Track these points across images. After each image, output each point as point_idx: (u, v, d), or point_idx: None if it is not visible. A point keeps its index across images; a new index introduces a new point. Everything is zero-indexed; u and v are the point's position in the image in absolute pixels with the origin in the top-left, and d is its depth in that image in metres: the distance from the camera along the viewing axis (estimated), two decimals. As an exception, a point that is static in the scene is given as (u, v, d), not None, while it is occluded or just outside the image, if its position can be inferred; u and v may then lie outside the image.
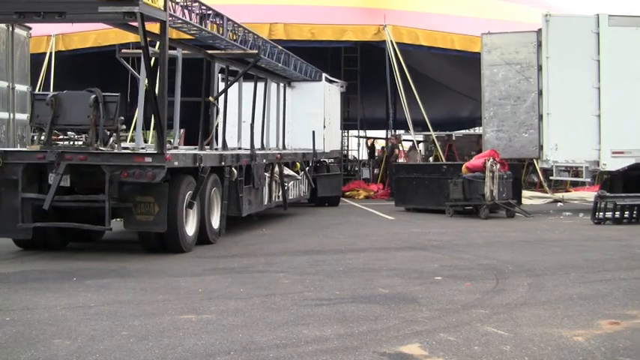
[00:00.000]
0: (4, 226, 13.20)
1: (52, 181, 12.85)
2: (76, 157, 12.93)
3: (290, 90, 23.37)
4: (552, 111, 21.42)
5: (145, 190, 12.97)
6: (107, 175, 12.70)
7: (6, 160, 13.05)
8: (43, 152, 13.10)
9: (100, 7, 12.11)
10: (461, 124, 45.85)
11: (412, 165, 26.40)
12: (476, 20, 29.00)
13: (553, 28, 21.49)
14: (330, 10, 29.62)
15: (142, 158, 12.91)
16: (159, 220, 13.05)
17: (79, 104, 13.53)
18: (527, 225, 18.92)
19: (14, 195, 12.97)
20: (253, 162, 17.19)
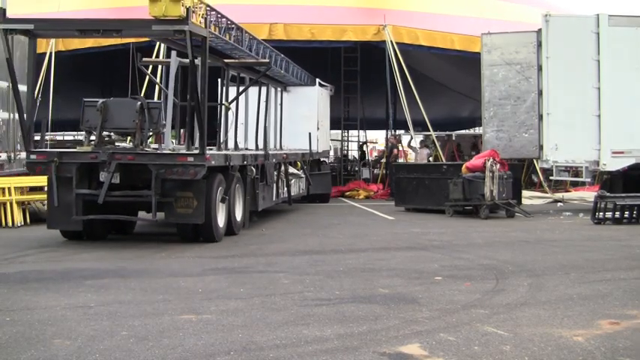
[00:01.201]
0: (59, 219, 14.77)
1: (105, 179, 14.24)
2: (125, 157, 14.35)
3: (286, 94, 24.45)
4: (552, 111, 21.42)
5: (185, 186, 14.48)
6: (153, 172, 14.15)
7: (61, 160, 14.46)
8: (95, 153, 14.47)
9: (153, 25, 13.94)
10: (461, 124, 45.88)
11: (412, 165, 26.41)
12: (476, 20, 29.00)
13: (553, 28, 21.48)
14: (330, 10, 29.61)
15: (184, 158, 14.41)
16: (197, 212, 14.56)
17: (125, 110, 14.92)
18: (527, 225, 18.92)
19: (69, 191, 14.35)
20: (266, 161, 18.80)
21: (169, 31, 14.03)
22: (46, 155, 14.76)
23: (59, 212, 14.61)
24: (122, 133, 15.47)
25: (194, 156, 14.42)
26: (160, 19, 13.65)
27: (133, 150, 14.69)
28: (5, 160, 19.92)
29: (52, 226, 15.26)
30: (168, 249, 14.32)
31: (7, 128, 20.18)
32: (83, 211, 14.57)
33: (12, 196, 18.01)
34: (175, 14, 13.48)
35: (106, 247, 14.82)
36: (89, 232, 15.25)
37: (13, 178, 18.94)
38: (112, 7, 29.66)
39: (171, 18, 13.57)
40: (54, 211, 14.81)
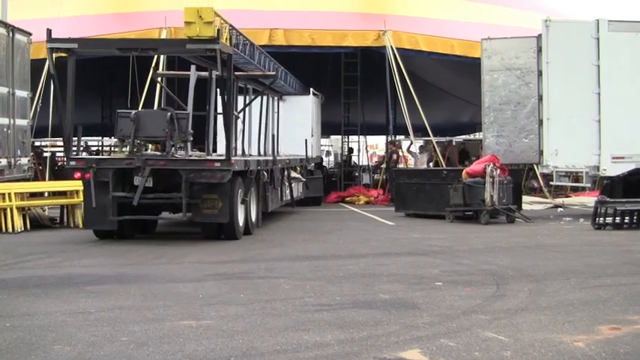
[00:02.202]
0: (97, 219, 16.00)
1: (139, 182, 15.52)
2: (157, 163, 15.72)
3: (282, 103, 25.19)
4: (552, 116, 21.42)
5: (211, 189, 15.79)
6: (184, 177, 15.54)
7: (99, 165, 15.82)
8: (130, 159, 15.80)
9: (187, 45, 15.66)
10: (461, 130, 45.84)
11: (412, 170, 26.38)
12: (476, 25, 29.03)
13: (553, 33, 21.49)
14: (330, 16, 29.63)
15: (212, 163, 15.81)
16: (222, 213, 15.92)
17: (156, 120, 16.29)
18: (527, 230, 18.91)
19: (105, 194, 15.66)
20: (274, 166, 20.36)
21: (202, 49, 15.61)
22: (84, 162, 16.16)
23: (96, 213, 15.81)
24: (153, 141, 17.08)
25: (221, 161, 15.77)
26: (193, 39, 15.21)
27: (165, 156, 16.00)
28: (5, 165, 19.93)
29: (88, 226, 16.57)
30: (169, 254, 14.33)
31: (7, 134, 20.19)
32: (118, 212, 15.88)
33: (12, 201, 18.01)
34: (208, 35, 15.02)
35: (107, 252, 14.83)
36: (120, 231, 16.45)
37: (14, 184, 18.94)
38: (112, 12, 29.76)
39: (203, 38, 15.09)
40: (91, 213, 15.99)
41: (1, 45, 19.98)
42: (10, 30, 20.47)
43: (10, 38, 20.41)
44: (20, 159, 20.88)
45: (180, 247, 15.44)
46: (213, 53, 15.44)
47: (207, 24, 14.96)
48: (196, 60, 18.03)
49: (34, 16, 28.01)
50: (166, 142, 16.24)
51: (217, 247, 15.54)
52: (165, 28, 26.40)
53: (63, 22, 27.60)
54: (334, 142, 53.69)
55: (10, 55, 20.37)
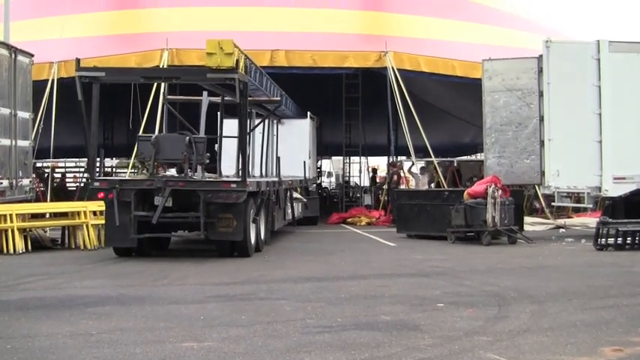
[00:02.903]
0: (118, 237, 16.75)
1: (159, 202, 16.39)
2: (177, 184, 16.60)
3: (280, 126, 25.91)
4: (554, 137, 21.42)
5: (226, 208, 16.57)
6: (202, 197, 16.35)
7: (121, 186, 16.62)
8: (151, 180, 16.77)
9: (208, 74, 16.58)
10: (463, 150, 45.89)
11: (414, 191, 26.38)
12: (477, 46, 29.07)
13: (554, 54, 21.52)
14: (332, 37, 29.70)
15: (228, 185, 16.72)
16: (237, 231, 16.73)
17: (175, 144, 17.19)
18: (529, 251, 18.88)
19: (127, 213, 16.40)
20: (280, 187, 21.18)
21: (221, 78, 16.66)
22: (107, 183, 17.02)
23: (118, 231, 16.56)
24: (171, 163, 17.93)
25: (236, 183, 16.72)
26: (213, 69, 16.22)
27: (184, 178, 16.96)
28: (7, 186, 19.94)
29: (110, 244, 17.37)
30: (170, 276, 14.31)
31: (9, 155, 20.21)
32: (138, 230, 16.61)
33: (14, 222, 17.98)
34: (228, 65, 16.09)
35: (108, 274, 14.82)
36: (138, 249, 17.20)
37: (15, 205, 18.93)
38: (114, 34, 29.85)
39: (224, 68, 16.11)
40: (113, 231, 16.74)
41: (3, 66, 20.02)
42: (12, 51, 20.52)
43: (12, 60, 20.46)
44: (22, 180, 20.88)
45: (182, 268, 15.41)
46: (232, 82, 16.55)
47: (227, 55, 16.09)
48: (211, 87, 18.80)
49: (36, 37, 28.11)
50: (184, 165, 17.18)
51: (219, 268, 15.53)
52: (166, 49, 26.48)
53: (65, 43, 27.77)
54: (335, 164, 53.78)
55: (12, 77, 20.41)
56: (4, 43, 20.98)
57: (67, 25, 28.36)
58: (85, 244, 18.91)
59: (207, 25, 29.57)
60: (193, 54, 27.09)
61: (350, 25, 30.90)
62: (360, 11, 31.70)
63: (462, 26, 32.06)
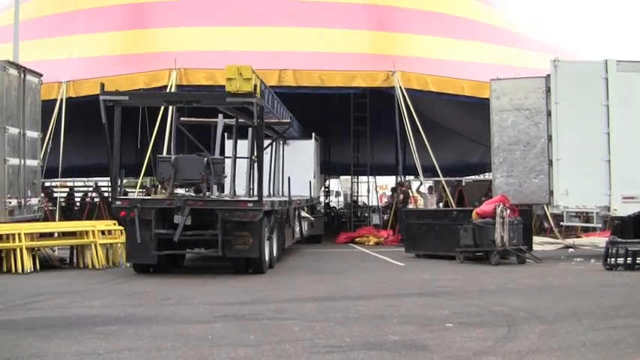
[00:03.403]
0: (140, 254, 17.28)
1: (179, 221, 16.94)
2: (196, 203, 17.17)
3: (286, 146, 26.51)
4: (562, 156, 21.38)
5: (243, 226, 17.15)
6: (220, 216, 16.91)
7: (143, 205, 17.21)
8: (171, 199, 17.37)
9: (227, 98, 17.25)
10: (470, 170, 45.83)
11: (422, 211, 26.34)
12: (485, 66, 29.10)
13: (562, 73, 21.51)
14: (340, 57, 29.75)
15: (245, 204, 17.34)
16: (253, 249, 17.33)
17: (194, 164, 17.86)
18: (538, 271, 18.82)
19: (148, 231, 16.93)
20: (290, 206, 21.78)
21: (240, 102, 17.42)
22: (129, 202, 17.70)
23: (139, 249, 17.09)
24: (190, 184, 18.42)
25: (253, 202, 17.35)
26: (232, 93, 16.86)
27: (203, 197, 17.56)
28: (16, 206, 19.97)
29: (131, 260, 17.94)
30: (178, 295, 14.29)
31: (18, 174, 20.25)
32: (158, 247, 17.16)
33: (22, 242, 18.00)
34: (247, 90, 16.76)
35: (116, 293, 14.82)
36: (157, 265, 17.78)
37: (24, 225, 18.95)
38: (123, 53, 29.94)
39: (243, 92, 16.78)
40: (134, 248, 17.23)
41: (13, 86, 20.10)
42: (21, 71, 20.60)
43: (22, 79, 20.54)
44: (30, 199, 20.91)
45: (190, 288, 15.40)
46: (250, 105, 17.43)
47: (246, 80, 16.77)
48: (227, 110, 19.62)
49: (46, 57, 28.21)
50: (202, 185, 17.89)
51: (227, 288, 15.52)
52: (175, 69, 26.55)
53: (74, 63, 27.88)
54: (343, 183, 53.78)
55: (22, 96, 20.49)
56: (14, 63, 21.05)
57: (75, 45, 28.48)
58: (94, 263, 18.90)
59: (215, 45, 29.69)
60: (201, 74, 27.20)
61: (358, 44, 30.95)
62: (368, 31, 31.74)
63: (469, 46, 32.09)
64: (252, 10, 31.59)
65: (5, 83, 19.64)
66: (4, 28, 30.17)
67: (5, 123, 19.55)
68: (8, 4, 31.71)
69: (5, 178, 19.51)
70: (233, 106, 18.62)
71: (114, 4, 32.20)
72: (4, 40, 27.95)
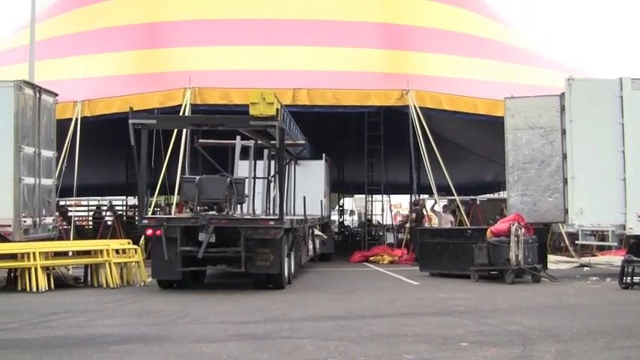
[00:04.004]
0: (166, 270, 18.00)
1: (204, 238, 17.60)
2: (220, 222, 17.86)
3: (297, 166, 26.70)
4: (577, 175, 21.32)
5: (264, 243, 17.86)
6: (242, 233, 17.59)
7: (169, 224, 17.93)
8: (195, 218, 18.14)
9: (251, 121, 17.93)
10: (485, 188, 45.77)
11: (436, 229, 26.28)
12: (499, 84, 29.07)
13: (576, 91, 21.48)
14: (354, 75, 29.77)
15: (267, 222, 18.17)
16: (273, 265, 18.04)
17: (217, 185, 18.64)
18: (553, 290, 18.74)
19: (173, 248, 17.67)
20: (305, 225, 22.38)
21: (263, 125, 18.11)
22: (155, 220, 18.52)
23: (165, 265, 17.82)
24: (214, 203, 18.87)
25: (274, 220, 18.13)
26: (256, 117, 17.55)
27: (226, 216, 18.27)
28: (30, 225, 20.03)
29: (156, 276, 18.52)
30: (192, 314, 14.28)
31: (33, 193, 20.32)
32: (183, 264, 17.87)
33: (37, 261, 18.03)
34: (270, 114, 17.51)
35: (130, 312, 14.82)
36: (181, 281, 18.52)
37: (38, 243, 19.00)
38: (137, 73, 30.06)
39: (266, 116, 17.51)
40: (160, 264, 17.97)
41: (28, 105, 20.20)
42: (36, 91, 20.72)
43: (37, 99, 20.65)
44: (45, 218, 20.98)
45: (204, 307, 15.39)
46: (273, 129, 18.21)
47: (269, 104, 17.51)
48: (247, 132, 20.38)
49: (60, 76, 28.37)
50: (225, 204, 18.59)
51: (241, 306, 15.49)
52: (189, 88, 26.62)
53: (89, 82, 28.02)
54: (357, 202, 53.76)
55: (37, 116, 20.59)
56: (29, 83, 21.18)
57: (90, 65, 28.61)
58: (108, 282, 18.90)
59: (229, 64, 29.77)
60: (215, 93, 27.26)
61: (372, 63, 30.98)
62: (382, 50, 31.78)
63: (483, 64, 32.09)
64: (266, 30, 31.68)
65: (21, 103, 19.75)
66: (20, 48, 30.40)
67: (21, 142, 19.64)
68: (24, 24, 31.88)
69: (20, 197, 19.58)
70: (254, 129, 19.24)
71: (128, 24, 32.35)
72: (20, 59, 28.14)
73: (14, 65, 29.16)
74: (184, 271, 18.15)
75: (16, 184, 19.48)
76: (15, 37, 34.89)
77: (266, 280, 18.53)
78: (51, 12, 34.84)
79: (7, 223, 19.31)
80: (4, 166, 19.43)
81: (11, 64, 29.96)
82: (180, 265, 17.83)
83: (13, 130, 19.50)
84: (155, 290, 18.41)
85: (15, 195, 19.42)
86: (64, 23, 33.70)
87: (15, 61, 29.99)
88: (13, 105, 19.51)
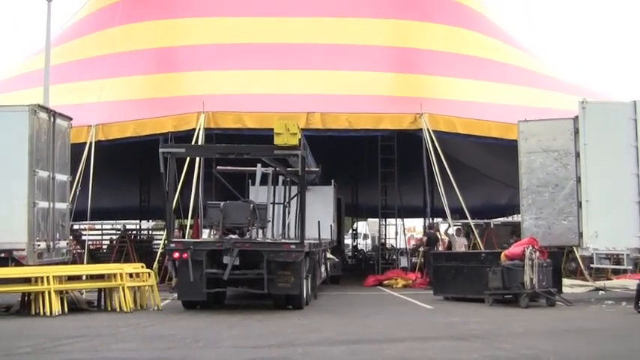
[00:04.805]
0: (192, 292, 18.78)
1: (229, 261, 18.41)
2: (243, 245, 18.72)
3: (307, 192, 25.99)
4: (591, 198, 21.27)
5: (285, 266, 18.64)
6: (265, 256, 18.43)
7: (195, 247, 18.70)
8: (220, 242, 18.97)
9: (275, 151, 18.88)
10: (499, 212, 45.64)
11: (450, 253, 26.21)
12: (512, 107, 29.04)
13: (590, 114, 21.47)
14: (367, 99, 29.81)
15: (288, 246, 19.12)
16: (294, 286, 18.80)
17: (240, 210, 19.68)
18: (568, 314, 18.64)
19: (200, 270, 18.40)
20: (320, 248, 23.06)
21: (286, 154, 19.19)
22: (182, 244, 19.33)
23: (191, 287, 18.54)
24: (237, 227, 19.70)
25: (295, 244, 19.06)
26: (280, 146, 18.51)
27: (249, 240, 19.33)
28: (44, 248, 20.07)
29: (182, 297, 19.33)
30: (205, 338, 14.26)
31: (47, 217, 20.37)
32: (208, 285, 18.61)
33: (50, 284, 18.04)
34: (293, 144, 18.48)
35: (144, 336, 14.82)
36: (204, 302, 19.19)
37: (52, 267, 19.02)
38: (150, 97, 30.19)
39: (289, 146, 18.46)
40: (186, 286, 18.74)
41: (43, 130, 20.29)
42: (51, 115, 20.81)
43: (51, 123, 20.74)
44: (59, 242, 21.02)
45: (217, 331, 15.36)
46: (296, 158, 19.27)
47: (292, 135, 18.45)
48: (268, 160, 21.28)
49: (75, 100, 28.51)
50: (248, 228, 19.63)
51: (254, 330, 15.46)
52: (203, 112, 26.68)
53: (103, 106, 28.14)
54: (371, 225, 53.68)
55: (51, 140, 20.68)
56: (44, 107, 21.28)
57: (105, 89, 28.71)
58: (122, 306, 18.90)
59: (242, 88, 29.87)
60: (229, 117, 27.34)
61: (385, 87, 31.04)
62: (396, 73, 31.84)
63: (496, 87, 32.06)
64: (278, 54, 31.78)
65: (35, 127, 19.84)
66: (35, 72, 30.58)
67: (35, 166, 19.71)
68: (39, 49, 32.08)
69: (34, 221, 19.63)
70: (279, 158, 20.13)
71: (142, 49, 32.51)
72: (35, 84, 28.29)
73: (29, 89, 29.33)
74: (209, 292, 18.82)
75: (31, 208, 19.53)
76: (29, 62, 35.10)
77: (286, 300, 19.23)
78: (65, 37, 35.06)
79: (21, 247, 19.35)
80: (18, 190, 19.50)
81: (26, 89, 30.12)
82: (205, 286, 18.50)
83: (28, 154, 19.56)
84: (169, 314, 18.41)
85: (29, 219, 19.47)
86: (78, 48, 33.90)
87: (30, 85, 30.17)
88: (27, 129, 19.59)
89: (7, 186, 19.56)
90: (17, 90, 30.77)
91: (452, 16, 35.18)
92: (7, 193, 19.54)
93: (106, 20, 34.09)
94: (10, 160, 19.60)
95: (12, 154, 19.59)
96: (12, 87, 32.17)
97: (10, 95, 29.62)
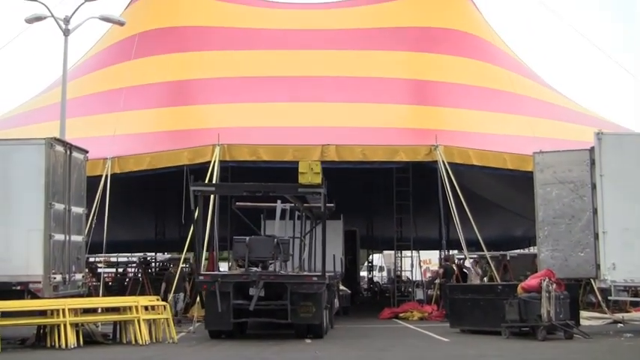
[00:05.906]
0: (219, 321, 19.78)
1: (254, 293, 19.42)
2: (268, 278, 19.82)
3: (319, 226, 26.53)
4: (608, 229, 21.16)
5: (307, 297, 19.68)
6: (289, 288, 19.54)
7: (222, 280, 19.89)
8: (246, 274, 19.91)
9: (299, 188, 20.14)
10: (515, 243, 45.45)
11: (467, 286, 26.09)
12: (527, 139, 28.98)
13: (606, 145, 21.41)
14: (382, 131, 29.83)
15: (310, 278, 20.30)
16: (315, 316, 19.83)
17: (264, 244, 20.77)
18: (586, 347, 18.49)
19: (226, 301, 19.45)
20: (335, 280, 24.16)
21: (310, 192, 20.36)
22: (210, 277, 20.51)
23: (218, 317, 19.57)
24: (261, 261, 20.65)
25: (317, 276, 20.28)
26: (304, 185, 19.86)
27: (274, 272, 20.52)
28: (60, 281, 20.07)
29: (210, 327, 20.27)
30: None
31: (63, 250, 20.39)
32: (234, 315, 19.58)
33: (66, 317, 18.03)
34: (317, 182, 19.84)
35: None
36: (230, 332, 20.10)
37: (68, 300, 19.02)
38: (166, 130, 30.33)
39: (313, 184, 19.80)
40: (214, 316, 19.75)
41: (59, 162, 20.36)
42: (67, 148, 20.89)
43: (68, 156, 20.81)
44: (75, 275, 21.02)
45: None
46: (318, 196, 20.57)
47: (315, 174, 19.73)
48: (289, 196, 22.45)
49: (91, 133, 28.64)
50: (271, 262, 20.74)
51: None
52: (218, 144, 26.75)
53: (118, 139, 28.24)
54: (386, 258, 53.52)
55: (67, 173, 20.73)
56: (60, 140, 21.38)
57: (120, 122, 28.83)
58: (137, 339, 18.86)
59: (257, 120, 29.98)
60: (244, 149, 27.40)
61: (400, 119, 31.06)
62: (410, 105, 31.91)
63: (511, 119, 32.02)
64: (293, 86, 31.94)
65: (52, 160, 19.91)
66: (51, 106, 30.79)
67: (51, 199, 19.75)
68: (56, 82, 32.29)
69: (50, 254, 19.64)
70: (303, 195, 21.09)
71: (157, 82, 32.72)
72: (51, 117, 28.46)
73: (46, 122, 29.49)
74: (235, 322, 19.69)
75: (47, 240, 19.55)
76: (46, 95, 35.35)
77: (306, 330, 20.17)
78: (82, 70, 35.34)
79: (37, 280, 19.35)
80: (34, 222, 19.54)
81: (43, 122, 30.30)
82: (232, 316, 19.47)
83: (44, 187, 19.62)
84: (183, 347, 18.36)
85: (45, 251, 19.48)
86: (94, 81, 34.15)
87: (46, 118, 30.35)
88: (44, 162, 19.67)
89: (23, 219, 19.61)
90: (34, 123, 30.99)
91: (466, 47, 35.33)
92: (24, 225, 19.58)
93: (122, 54, 34.35)
94: (27, 193, 19.65)
95: (28, 187, 19.65)
96: (29, 120, 32.41)
97: (28, 128, 29.84)
